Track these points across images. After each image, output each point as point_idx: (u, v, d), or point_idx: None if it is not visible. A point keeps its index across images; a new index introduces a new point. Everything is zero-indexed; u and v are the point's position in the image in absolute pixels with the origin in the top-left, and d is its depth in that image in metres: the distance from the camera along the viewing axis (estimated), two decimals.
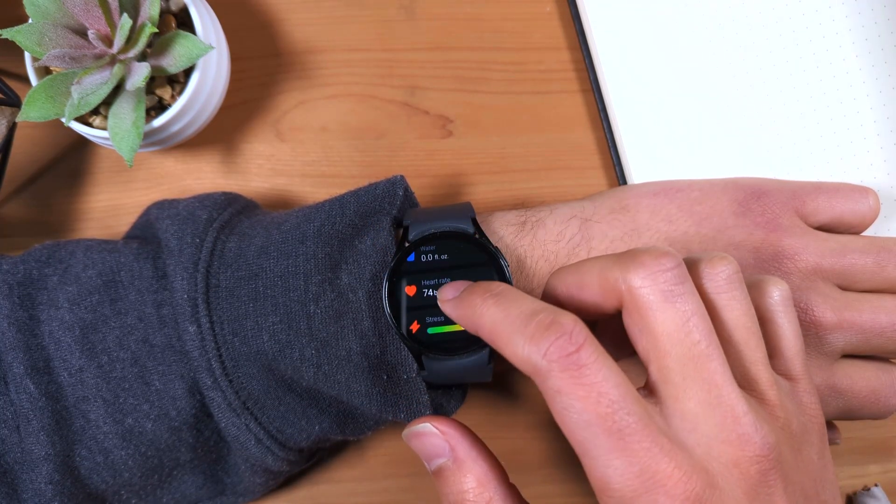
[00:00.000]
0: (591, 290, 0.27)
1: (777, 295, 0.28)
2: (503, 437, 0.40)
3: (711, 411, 0.24)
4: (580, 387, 0.23)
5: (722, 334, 0.26)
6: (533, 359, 0.24)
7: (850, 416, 0.34)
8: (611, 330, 0.28)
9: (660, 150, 0.40)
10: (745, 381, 0.26)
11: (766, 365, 0.26)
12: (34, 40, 0.33)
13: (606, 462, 0.23)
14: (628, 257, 0.26)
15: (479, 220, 0.33)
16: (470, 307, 0.27)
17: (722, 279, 0.27)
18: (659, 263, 0.25)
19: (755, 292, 0.28)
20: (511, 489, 0.28)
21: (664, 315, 0.25)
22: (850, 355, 0.34)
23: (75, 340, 0.31)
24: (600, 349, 0.24)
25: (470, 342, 0.31)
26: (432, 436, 0.29)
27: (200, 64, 0.35)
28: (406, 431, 0.30)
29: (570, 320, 0.24)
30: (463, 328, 0.30)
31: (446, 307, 0.29)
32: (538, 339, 0.24)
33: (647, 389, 0.25)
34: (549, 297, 0.29)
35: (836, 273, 0.33)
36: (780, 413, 0.26)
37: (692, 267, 0.27)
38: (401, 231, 0.33)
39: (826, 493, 0.26)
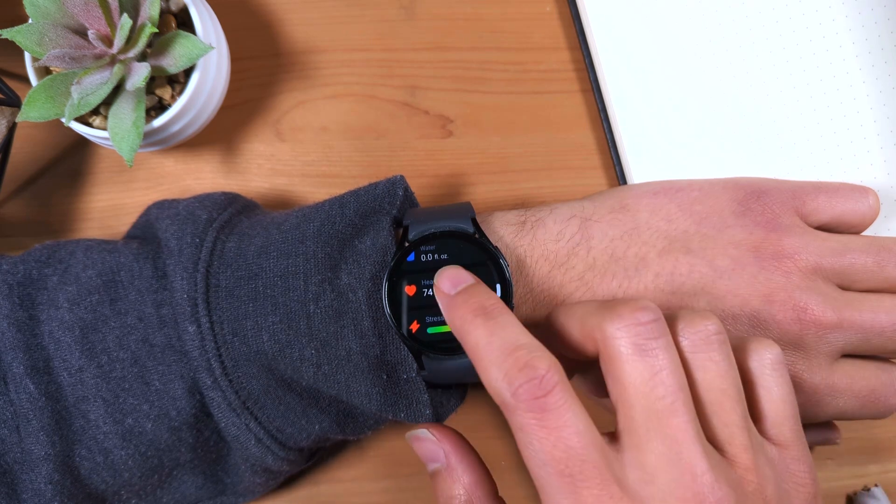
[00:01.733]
0: (574, 334, 0.28)
1: (768, 358, 0.28)
2: (503, 437, 0.40)
3: (670, 466, 0.25)
4: (541, 429, 0.25)
5: (695, 393, 0.27)
6: (503, 394, 0.25)
7: (850, 416, 0.34)
8: (597, 369, 0.29)
9: (660, 150, 0.40)
10: (716, 442, 0.26)
11: (741, 427, 0.26)
12: (34, 40, 0.33)
13: (556, 501, 0.24)
14: (607, 307, 0.27)
15: (479, 219, 0.33)
16: (459, 318, 0.28)
17: (699, 338, 0.27)
18: (635, 316, 0.26)
19: (743, 354, 0.29)
20: (498, 501, 0.30)
21: (633, 367, 0.26)
22: (850, 355, 0.34)
23: (75, 340, 0.31)
24: (569, 395, 0.25)
25: None
26: (429, 441, 0.31)
27: (200, 64, 0.35)
28: (408, 434, 0.32)
29: (545, 364, 0.25)
30: None
31: (439, 297, 0.30)
32: (511, 377, 0.25)
33: (614, 436, 0.26)
34: (545, 330, 0.30)
35: (835, 272, 0.33)
36: (753, 477, 0.26)
37: (671, 323, 0.27)
38: (401, 231, 0.33)
39: None
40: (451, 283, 0.30)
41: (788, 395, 0.28)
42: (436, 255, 0.31)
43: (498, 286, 0.31)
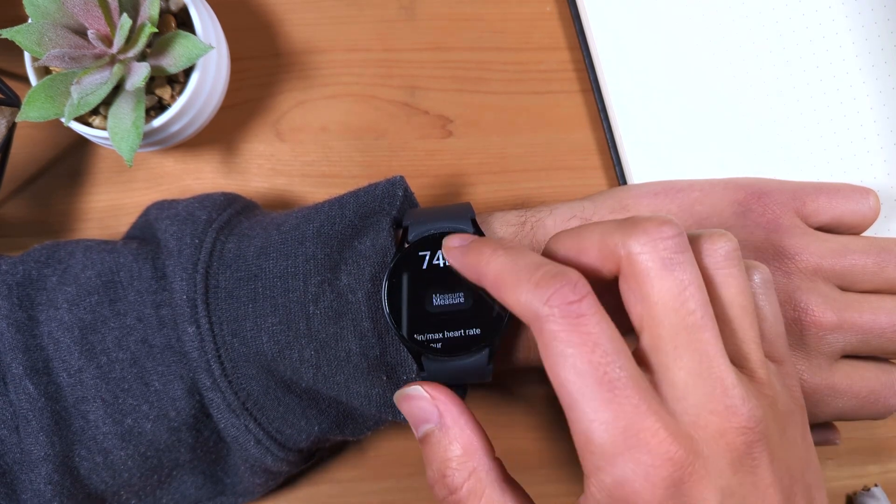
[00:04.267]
0: (590, 254, 0.27)
1: (758, 278, 0.28)
2: (503, 437, 0.40)
3: (701, 381, 0.24)
4: (578, 334, 0.24)
5: (717, 310, 0.26)
6: (534, 304, 0.24)
7: (850, 416, 0.34)
8: (603, 302, 0.28)
9: (660, 150, 0.40)
10: (736, 358, 0.26)
11: (758, 344, 0.26)
12: (34, 40, 0.33)
13: (593, 415, 0.23)
14: (630, 223, 0.26)
15: (478, 220, 0.33)
16: (477, 255, 0.28)
17: (721, 255, 0.27)
18: (660, 231, 0.25)
19: None
20: (496, 462, 0.28)
21: (661, 283, 0.25)
22: (850, 356, 0.34)
23: (74, 341, 0.31)
24: (600, 305, 0.24)
25: (470, 343, 0.31)
26: (422, 399, 0.29)
27: (200, 64, 0.35)
28: (397, 394, 0.30)
29: (575, 273, 0.24)
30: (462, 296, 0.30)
31: (452, 254, 0.29)
32: (543, 286, 0.24)
33: (638, 358, 0.25)
34: (553, 256, 0.29)
35: (836, 274, 0.33)
36: (769, 391, 0.26)
37: (693, 241, 0.27)
38: (400, 232, 0.33)
39: (810, 476, 0.26)
40: (459, 238, 0.30)
41: (779, 314, 0.28)
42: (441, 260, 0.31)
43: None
